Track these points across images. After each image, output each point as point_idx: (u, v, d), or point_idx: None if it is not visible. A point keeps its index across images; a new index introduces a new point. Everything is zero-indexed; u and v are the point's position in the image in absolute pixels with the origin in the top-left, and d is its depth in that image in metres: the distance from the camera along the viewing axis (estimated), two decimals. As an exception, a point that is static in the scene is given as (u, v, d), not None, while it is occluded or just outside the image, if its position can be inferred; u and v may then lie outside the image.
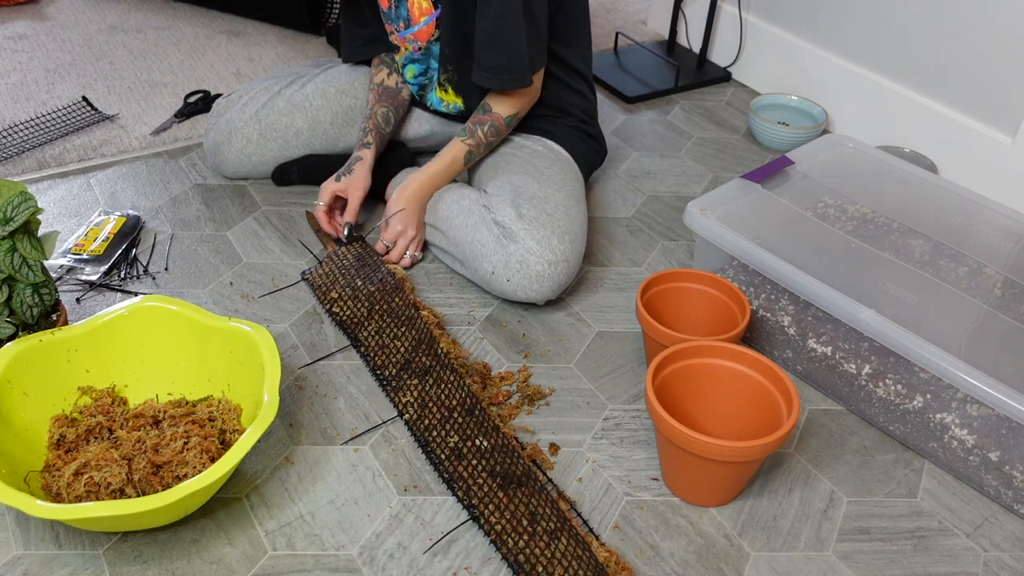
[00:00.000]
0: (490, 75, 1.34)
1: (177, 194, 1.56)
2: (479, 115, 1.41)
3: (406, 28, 1.42)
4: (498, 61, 1.32)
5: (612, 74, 2.04)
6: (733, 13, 2.04)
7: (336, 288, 1.32)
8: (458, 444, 1.09)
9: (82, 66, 1.98)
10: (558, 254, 1.28)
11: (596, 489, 1.08)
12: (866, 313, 1.13)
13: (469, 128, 1.41)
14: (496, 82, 1.35)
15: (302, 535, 1.00)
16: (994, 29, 1.55)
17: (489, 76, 1.34)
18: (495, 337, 1.30)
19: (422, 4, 1.38)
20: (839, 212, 1.37)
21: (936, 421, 1.11)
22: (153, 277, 1.37)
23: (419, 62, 1.48)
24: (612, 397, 1.21)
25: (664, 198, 1.64)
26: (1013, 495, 1.07)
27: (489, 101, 1.41)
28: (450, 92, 1.49)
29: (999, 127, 1.60)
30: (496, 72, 1.33)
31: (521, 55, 1.32)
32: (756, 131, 1.83)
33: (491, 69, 1.33)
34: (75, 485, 0.96)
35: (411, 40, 1.43)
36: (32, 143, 1.66)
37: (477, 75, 1.35)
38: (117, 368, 1.10)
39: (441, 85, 1.48)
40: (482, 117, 1.41)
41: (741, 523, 1.05)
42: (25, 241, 1.04)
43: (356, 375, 1.21)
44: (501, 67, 1.32)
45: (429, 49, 1.44)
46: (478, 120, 1.41)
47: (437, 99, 1.51)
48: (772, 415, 1.04)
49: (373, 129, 1.47)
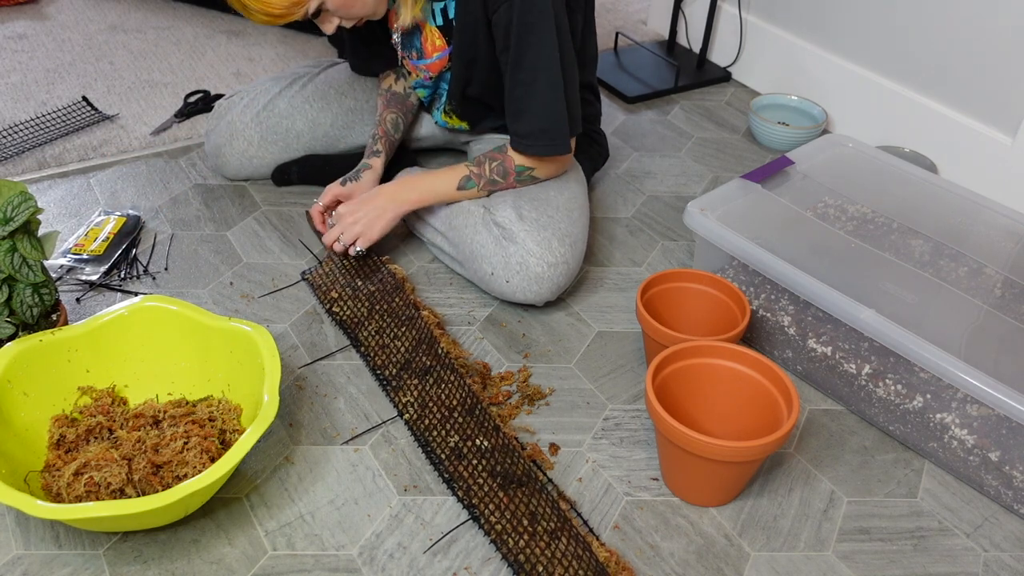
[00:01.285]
0: (527, 142, 1.28)
1: (177, 194, 1.56)
2: (494, 152, 1.34)
3: (419, 58, 1.40)
4: (533, 127, 1.27)
5: (612, 74, 2.04)
6: (733, 13, 2.04)
7: (336, 288, 1.32)
8: (458, 444, 1.09)
9: (82, 66, 1.98)
10: (558, 256, 1.28)
11: (596, 489, 1.08)
12: (866, 313, 1.13)
13: (478, 159, 1.34)
14: (534, 150, 1.29)
15: (302, 535, 1.00)
16: (994, 29, 1.55)
17: (526, 144, 1.29)
18: (495, 337, 1.30)
19: (435, 41, 1.36)
20: (839, 212, 1.37)
21: (936, 421, 1.11)
22: (153, 277, 1.37)
23: (428, 87, 1.47)
24: (612, 397, 1.21)
25: (664, 198, 1.64)
26: (1013, 495, 1.07)
27: (509, 145, 1.33)
28: (454, 119, 1.48)
29: (999, 127, 1.60)
30: (535, 138, 1.28)
31: (557, 120, 1.26)
32: (756, 131, 1.83)
33: (527, 136, 1.28)
34: (75, 485, 0.96)
35: (423, 70, 1.42)
36: (32, 143, 1.67)
37: (513, 142, 1.30)
38: (117, 368, 1.11)
39: (446, 112, 1.48)
40: (495, 155, 1.34)
41: (741, 523, 1.05)
42: (25, 241, 1.04)
43: (356, 375, 1.21)
44: (539, 132, 1.27)
45: (442, 76, 1.43)
46: (491, 156, 1.34)
47: (442, 120, 1.51)
48: (772, 415, 1.04)
49: (383, 137, 1.46)
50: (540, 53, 1.22)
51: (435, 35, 1.36)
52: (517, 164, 1.32)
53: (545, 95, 1.25)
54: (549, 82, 1.24)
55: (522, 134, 1.29)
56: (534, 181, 1.34)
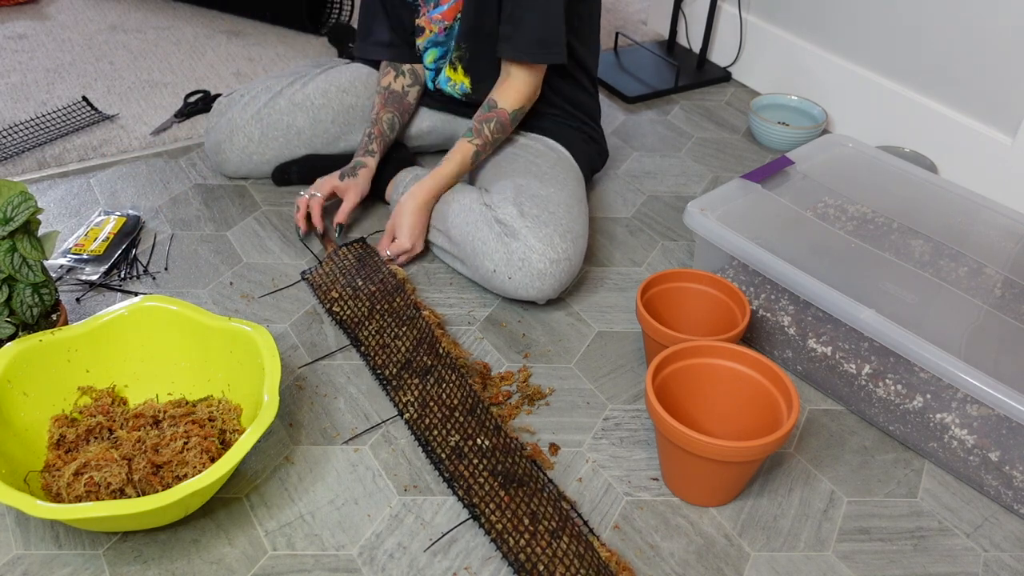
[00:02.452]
0: (528, 50, 1.35)
1: (177, 194, 1.56)
2: (484, 113, 1.40)
3: (435, 7, 1.42)
4: (536, 36, 1.33)
5: (612, 74, 2.04)
6: (733, 13, 2.04)
7: (337, 287, 1.32)
8: (459, 443, 1.09)
9: (82, 66, 1.98)
10: (560, 252, 1.28)
11: (596, 489, 1.08)
12: (866, 313, 1.13)
13: (475, 128, 1.40)
14: (532, 56, 1.36)
15: (302, 535, 1.00)
16: (994, 29, 1.55)
17: (526, 52, 1.35)
18: (495, 337, 1.30)
19: None
20: (839, 212, 1.37)
21: (936, 421, 1.11)
22: (153, 277, 1.37)
23: (441, 45, 1.48)
24: (612, 397, 1.21)
25: (664, 198, 1.64)
26: (1013, 495, 1.07)
27: (494, 96, 1.40)
28: (459, 71, 1.48)
29: (999, 127, 1.60)
30: (533, 46, 1.34)
31: (559, 31, 1.34)
32: (756, 131, 1.83)
33: (529, 43, 1.34)
34: (75, 485, 0.96)
35: (438, 20, 1.43)
36: (32, 143, 1.67)
37: (510, 50, 1.35)
38: (117, 368, 1.10)
39: (452, 64, 1.48)
40: (487, 115, 1.40)
41: (741, 523, 1.05)
42: (25, 241, 1.04)
43: (356, 375, 1.21)
44: (540, 42, 1.34)
45: (452, 28, 1.45)
46: (484, 118, 1.40)
47: (445, 78, 1.51)
48: (772, 415, 1.04)
49: (379, 136, 1.47)
50: None
51: None
52: (511, 112, 1.39)
53: (543, 6, 1.31)
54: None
55: (521, 44, 1.34)
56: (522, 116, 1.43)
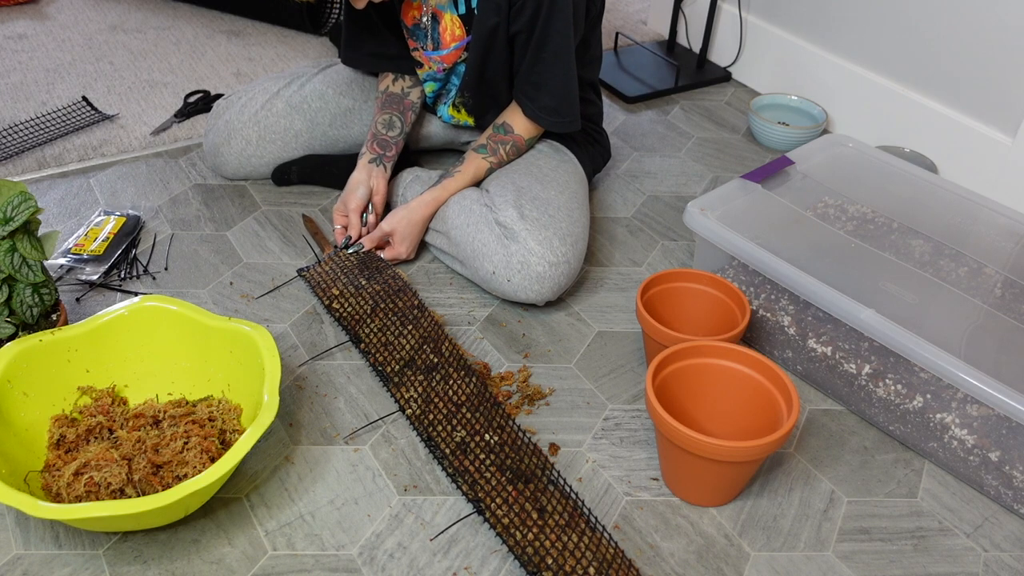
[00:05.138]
0: (545, 116, 1.38)
1: (177, 194, 1.56)
2: (500, 135, 1.41)
3: (434, 49, 1.41)
4: (553, 103, 1.36)
5: (612, 74, 2.04)
6: (733, 13, 2.04)
7: (338, 285, 1.32)
8: (465, 439, 1.09)
9: (82, 66, 1.98)
10: (559, 255, 1.28)
11: (596, 489, 1.08)
12: (866, 313, 1.13)
13: (491, 147, 1.41)
14: (549, 123, 1.39)
15: (302, 535, 1.00)
16: (994, 29, 1.55)
17: (544, 117, 1.38)
18: (495, 337, 1.30)
19: (455, 31, 1.37)
20: (839, 212, 1.37)
21: (936, 421, 1.11)
22: (153, 277, 1.37)
23: (439, 81, 1.47)
24: (612, 397, 1.21)
25: (664, 198, 1.64)
26: (1013, 495, 1.07)
27: (510, 122, 1.41)
28: (462, 112, 1.49)
29: (999, 127, 1.60)
30: (551, 114, 1.38)
31: (574, 101, 1.38)
32: (756, 131, 1.83)
33: (546, 110, 1.37)
34: (75, 485, 0.96)
35: (436, 61, 1.42)
36: (32, 143, 1.66)
37: (531, 110, 1.38)
38: (117, 368, 1.10)
39: (455, 106, 1.49)
40: (503, 137, 1.41)
41: (741, 523, 1.05)
42: (25, 241, 1.04)
43: (356, 375, 1.21)
44: (555, 109, 1.37)
45: (454, 69, 1.44)
46: (499, 139, 1.41)
47: (448, 115, 1.52)
48: (772, 415, 1.04)
49: (371, 140, 1.45)
50: (562, 41, 1.31)
51: (455, 24, 1.37)
52: (527, 139, 1.43)
53: (562, 77, 1.34)
54: (566, 68, 1.34)
55: (544, 107, 1.37)
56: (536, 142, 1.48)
